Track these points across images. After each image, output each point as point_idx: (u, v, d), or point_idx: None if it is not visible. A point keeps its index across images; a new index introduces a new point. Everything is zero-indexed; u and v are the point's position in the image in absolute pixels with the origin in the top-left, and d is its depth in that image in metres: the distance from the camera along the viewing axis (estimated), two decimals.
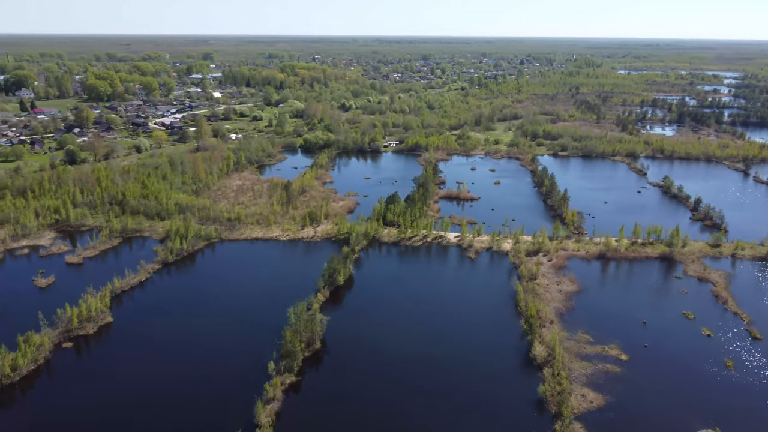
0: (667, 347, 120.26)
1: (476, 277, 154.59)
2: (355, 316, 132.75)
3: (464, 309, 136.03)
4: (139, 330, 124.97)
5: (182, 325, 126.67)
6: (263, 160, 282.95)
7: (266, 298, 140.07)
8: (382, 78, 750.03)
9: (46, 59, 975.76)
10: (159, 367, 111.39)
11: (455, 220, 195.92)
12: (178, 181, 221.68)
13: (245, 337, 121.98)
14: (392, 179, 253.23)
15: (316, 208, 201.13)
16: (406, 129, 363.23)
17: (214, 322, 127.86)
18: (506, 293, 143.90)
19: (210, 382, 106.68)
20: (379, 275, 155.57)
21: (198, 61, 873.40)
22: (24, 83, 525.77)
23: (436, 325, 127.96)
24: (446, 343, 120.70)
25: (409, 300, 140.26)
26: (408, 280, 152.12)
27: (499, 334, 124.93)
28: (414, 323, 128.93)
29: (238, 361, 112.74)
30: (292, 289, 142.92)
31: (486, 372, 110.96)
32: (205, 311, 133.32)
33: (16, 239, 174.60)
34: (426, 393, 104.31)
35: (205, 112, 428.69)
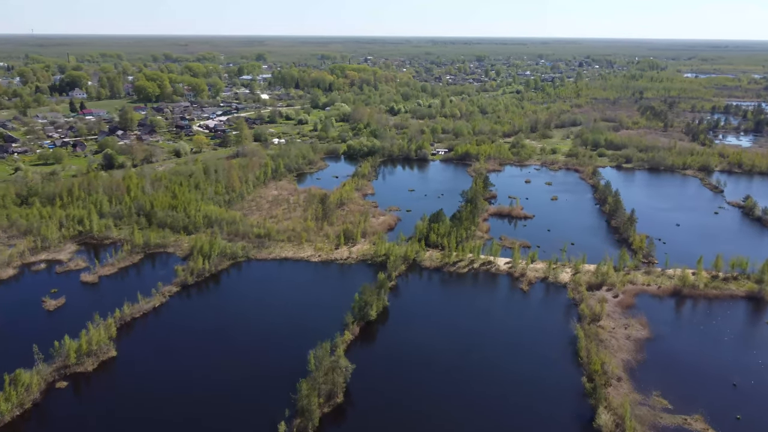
0: (767, 421, 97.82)
1: (529, 315, 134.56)
2: (387, 360, 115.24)
3: (514, 356, 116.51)
4: (141, 369, 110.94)
5: (188, 366, 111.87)
6: (303, 167, 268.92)
7: (287, 332, 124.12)
8: (434, 80, 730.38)
9: (105, 59, 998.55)
10: (157, 415, 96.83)
11: (506, 243, 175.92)
12: (211, 190, 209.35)
13: (257, 383, 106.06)
14: (438, 192, 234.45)
15: (353, 225, 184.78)
16: (456, 135, 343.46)
17: (224, 364, 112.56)
18: (564, 337, 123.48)
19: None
20: (418, 308, 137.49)
21: (250, 62, 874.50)
22: (78, 84, 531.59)
23: (481, 377, 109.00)
24: (491, 403, 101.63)
25: (451, 341, 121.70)
26: (450, 316, 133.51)
27: (555, 393, 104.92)
28: (454, 373, 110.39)
29: (245, 417, 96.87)
30: (318, 322, 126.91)
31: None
32: (218, 348, 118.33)
33: (35, 252, 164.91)
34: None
35: (250, 115, 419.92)
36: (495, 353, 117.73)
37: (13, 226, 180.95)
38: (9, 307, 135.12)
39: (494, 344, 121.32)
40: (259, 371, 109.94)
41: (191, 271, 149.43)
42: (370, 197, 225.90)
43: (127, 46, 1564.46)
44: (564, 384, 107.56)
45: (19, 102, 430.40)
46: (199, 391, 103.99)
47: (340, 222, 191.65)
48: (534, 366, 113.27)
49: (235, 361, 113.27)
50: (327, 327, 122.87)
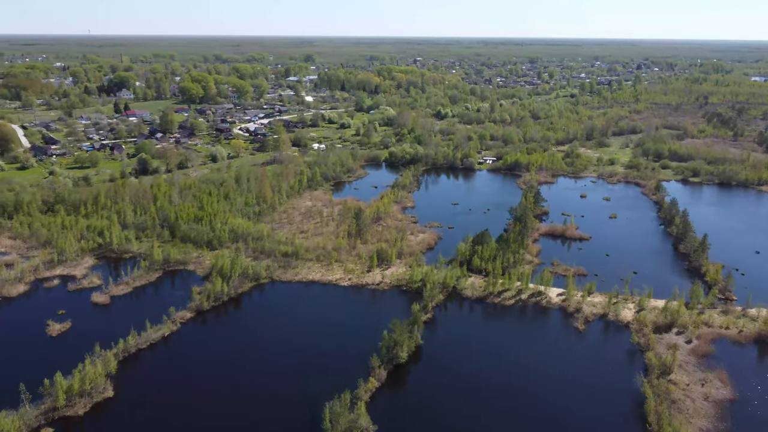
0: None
1: (585, 362, 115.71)
2: (418, 412, 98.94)
3: (567, 415, 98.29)
4: (137, 414, 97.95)
5: (187, 411, 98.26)
6: (341, 176, 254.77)
7: (305, 371, 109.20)
8: (484, 82, 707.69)
9: (158, 60, 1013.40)
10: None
11: (559, 270, 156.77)
12: (240, 201, 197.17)
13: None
14: (484, 206, 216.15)
15: (389, 243, 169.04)
16: (505, 143, 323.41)
17: (228, 410, 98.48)
18: (627, 393, 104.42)
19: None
20: (456, 348, 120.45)
21: (297, 63, 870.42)
22: (126, 84, 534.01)
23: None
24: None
25: (493, 390, 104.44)
26: (493, 359, 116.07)
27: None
28: (496, 430, 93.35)
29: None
30: (341, 361, 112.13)
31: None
32: (224, 389, 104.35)
33: (51, 266, 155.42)
34: None
35: (293, 118, 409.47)
36: (544, 409, 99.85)
37: (33, 236, 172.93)
38: (11, 331, 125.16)
39: (544, 397, 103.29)
40: (267, 425, 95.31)
41: (208, 294, 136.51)
42: (409, 211, 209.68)
43: (181, 46, 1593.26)
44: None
45: (64, 102, 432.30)
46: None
47: (375, 239, 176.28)
48: (591, 430, 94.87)
49: (241, 408, 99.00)
50: (350, 367, 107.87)
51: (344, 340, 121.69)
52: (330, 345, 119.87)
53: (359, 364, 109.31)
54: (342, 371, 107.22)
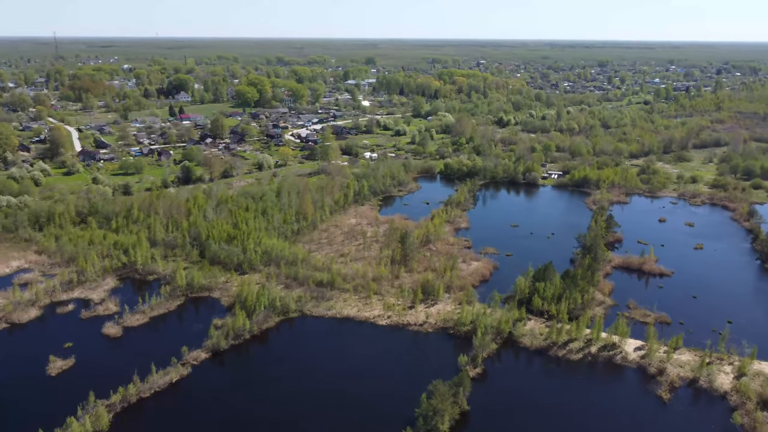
0: None
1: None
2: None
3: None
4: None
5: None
6: (391, 190, 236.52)
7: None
8: (550, 87, 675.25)
9: (221, 62, 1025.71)
10: None
11: (636, 315, 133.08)
12: (279, 218, 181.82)
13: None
14: (548, 229, 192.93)
15: (437, 274, 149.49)
16: (572, 155, 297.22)
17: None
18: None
19: None
20: (510, 415, 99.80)
21: (357, 66, 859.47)
22: (185, 87, 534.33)
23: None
24: None
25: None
26: (554, 431, 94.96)
27: None
28: None
29: None
30: (368, 426, 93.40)
31: None
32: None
33: (69, 287, 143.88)
34: None
35: (347, 124, 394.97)
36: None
37: (59, 252, 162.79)
38: (10, 366, 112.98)
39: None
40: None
41: (227, 331, 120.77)
42: (463, 232, 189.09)
43: (246, 48, 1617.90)
44: None
45: (120, 105, 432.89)
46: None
47: (422, 267, 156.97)
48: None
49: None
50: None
51: (377, 398, 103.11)
52: (356, 403, 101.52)
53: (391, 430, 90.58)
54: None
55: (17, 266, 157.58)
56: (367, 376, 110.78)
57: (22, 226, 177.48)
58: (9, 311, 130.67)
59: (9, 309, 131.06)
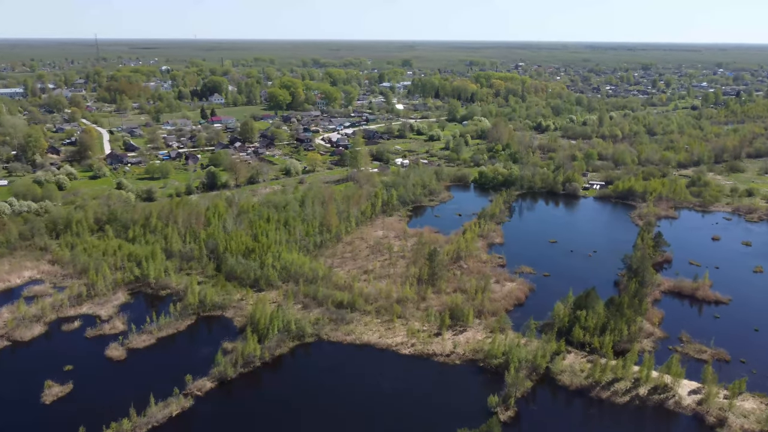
0: None
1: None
2: None
3: None
4: None
5: None
6: (421, 199, 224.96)
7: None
8: (592, 91, 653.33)
9: (257, 64, 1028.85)
10: None
11: (690, 350, 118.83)
12: (300, 230, 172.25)
13: None
14: (589, 247, 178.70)
15: (467, 296, 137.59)
16: (616, 164, 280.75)
17: None
18: None
19: None
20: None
21: (393, 68, 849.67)
22: (218, 89, 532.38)
23: None
24: None
25: None
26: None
27: None
28: None
29: None
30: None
31: None
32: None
33: (78, 302, 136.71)
34: None
35: (379, 128, 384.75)
36: None
37: (72, 262, 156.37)
38: (3, 392, 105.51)
39: None
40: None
41: (236, 358, 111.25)
42: (496, 248, 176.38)
43: (283, 50, 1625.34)
44: None
45: (152, 107, 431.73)
46: None
47: (452, 287, 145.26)
48: None
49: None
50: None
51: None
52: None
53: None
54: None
55: (29, 277, 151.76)
56: (385, 414, 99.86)
57: (38, 234, 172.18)
58: (12, 328, 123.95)
59: (12, 325, 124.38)
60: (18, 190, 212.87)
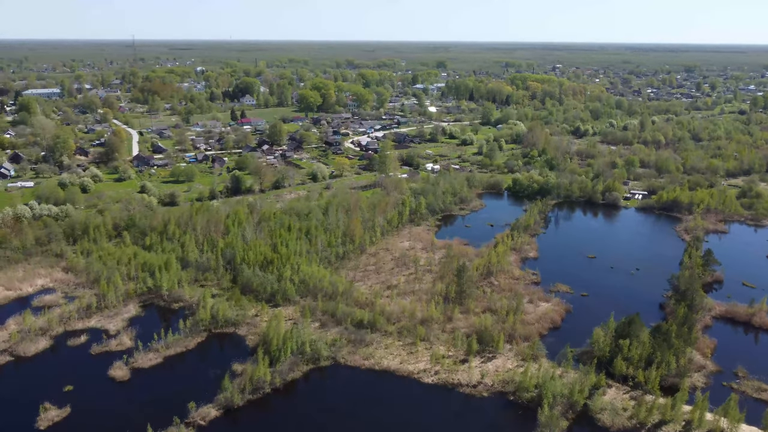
0: None
1: None
2: None
3: None
4: None
5: None
6: (451, 208, 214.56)
7: None
8: (632, 93, 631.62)
9: (292, 65, 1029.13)
10: None
11: (747, 387, 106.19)
12: (322, 240, 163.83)
13: None
14: (632, 263, 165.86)
15: (498, 317, 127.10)
16: (659, 172, 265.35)
17: None
18: None
19: None
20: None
21: (427, 70, 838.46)
22: (250, 90, 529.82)
23: None
24: None
25: None
26: None
27: None
28: None
29: None
30: None
31: None
32: None
33: (87, 314, 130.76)
34: None
35: (410, 131, 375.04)
36: None
37: (85, 271, 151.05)
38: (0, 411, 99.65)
39: None
40: None
41: (244, 383, 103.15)
42: (530, 263, 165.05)
43: (319, 51, 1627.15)
44: None
45: (182, 108, 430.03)
46: None
47: (481, 306, 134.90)
48: None
49: None
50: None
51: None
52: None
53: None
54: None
55: (41, 285, 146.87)
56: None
57: (55, 240, 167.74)
58: (16, 342, 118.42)
59: (16, 339, 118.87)
60: (41, 193, 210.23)
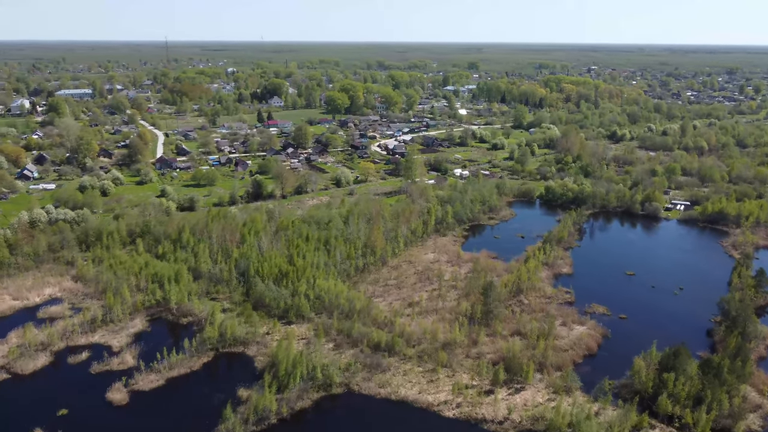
0: None
1: None
2: None
3: None
4: None
5: None
6: (479, 217, 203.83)
7: None
8: (672, 96, 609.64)
9: (322, 66, 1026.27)
10: None
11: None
12: (341, 251, 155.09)
13: None
14: (675, 283, 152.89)
15: (527, 342, 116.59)
16: (702, 181, 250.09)
17: None
18: None
19: None
20: None
21: (458, 71, 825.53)
22: (278, 91, 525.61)
23: None
24: None
25: None
26: None
27: None
28: None
29: None
30: None
31: None
32: None
33: (90, 328, 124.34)
34: None
35: (439, 134, 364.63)
36: None
37: (94, 280, 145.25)
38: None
39: None
40: None
41: (248, 414, 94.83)
42: (564, 280, 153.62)
43: (350, 52, 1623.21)
44: None
45: (209, 110, 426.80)
46: None
47: (509, 328, 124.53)
48: None
49: None
50: None
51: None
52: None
53: None
54: None
55: (49, 294, 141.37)
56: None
57: (68, 246, 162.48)
58: (14, 358, 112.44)
59: (14, 355, 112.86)
60: (60, 196, 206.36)
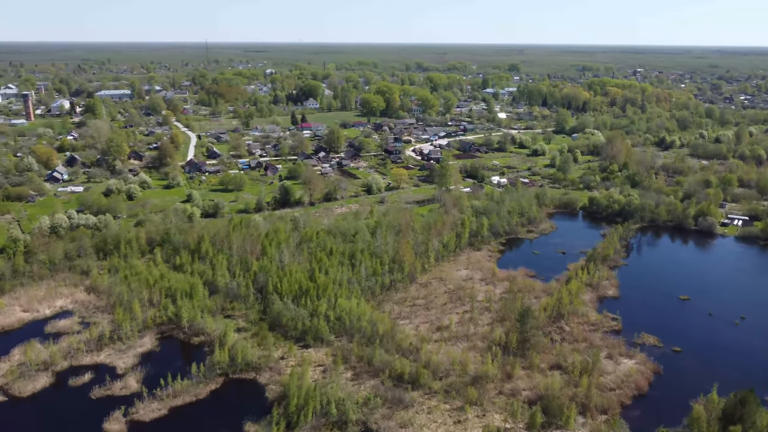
0: None
1: None
2: None
3: None
4: None
5: None
6: (517, 229, 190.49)
7: None
8: (723, 101, 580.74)
9: (361, 68, 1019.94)
10: None
11: None
12: (366, 267, 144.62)
13: None
14: (736, 311, 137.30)
15: (569, 377, 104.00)
16: (761, 193, 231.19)
17: None
18: None
19: None
20: None
21: (499, 73, 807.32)
22: (314, 93, 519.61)
23: None
24: None
25: None
26: None
27: None
28: None
29: None
30: None
31: None
32: None
33: (96, 346, 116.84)
34: None
35: (477, 139, 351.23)
36: None
37: (107, 292, 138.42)
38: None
39: None
40: None
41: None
42: (609, 303, 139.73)
43: (389, 53, 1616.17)
44: None
45: (242, 112, 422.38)
46: None
47: (547, 361, 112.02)
48: None
49: None
50: None
51: None
52: None
53: None
54: None
55: (60, 306, 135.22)
56: None
57: (84, 254, 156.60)
58: (13, 379, 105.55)
59: (13, 376, 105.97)
60: (85, 201, 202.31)
